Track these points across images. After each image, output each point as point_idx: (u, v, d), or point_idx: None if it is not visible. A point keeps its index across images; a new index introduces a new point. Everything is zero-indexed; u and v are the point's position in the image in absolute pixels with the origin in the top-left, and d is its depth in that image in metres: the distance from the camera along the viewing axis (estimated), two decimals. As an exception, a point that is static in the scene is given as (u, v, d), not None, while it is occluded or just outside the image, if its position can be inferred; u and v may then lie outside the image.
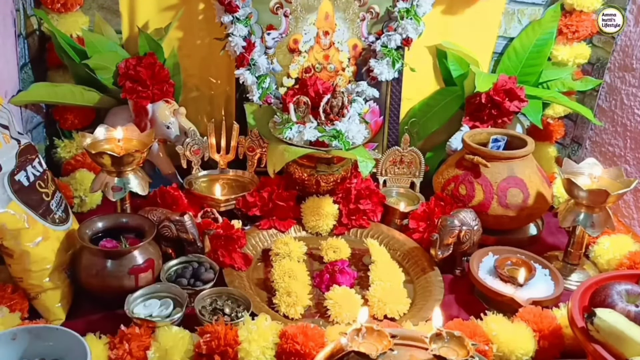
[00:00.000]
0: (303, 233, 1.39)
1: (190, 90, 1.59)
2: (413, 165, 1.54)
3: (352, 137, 1.32)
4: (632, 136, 1.53)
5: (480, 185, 1.35)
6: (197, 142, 1.44)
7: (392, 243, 1.35)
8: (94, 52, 1.42)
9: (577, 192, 1.21)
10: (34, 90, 1.41)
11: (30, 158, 1.08)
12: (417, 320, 1.08)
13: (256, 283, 1.23)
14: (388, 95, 1.57)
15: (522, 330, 1.03)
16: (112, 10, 1.50)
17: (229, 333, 0.95)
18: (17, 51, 1.39)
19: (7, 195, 1.00)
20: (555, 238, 1.45)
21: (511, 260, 1.22)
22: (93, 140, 1.22)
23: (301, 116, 1.34)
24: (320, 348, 0.93)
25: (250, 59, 1.44)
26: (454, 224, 1.22)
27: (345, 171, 1.41)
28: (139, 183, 1.23)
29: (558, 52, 1.61)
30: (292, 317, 1.11)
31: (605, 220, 1.22)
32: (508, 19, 1.63)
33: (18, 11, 1.39)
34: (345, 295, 1.12)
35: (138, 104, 1.40)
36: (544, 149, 1.68)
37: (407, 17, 1.47)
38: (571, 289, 1.20)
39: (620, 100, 1.57)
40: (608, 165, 1.56)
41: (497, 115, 1.51)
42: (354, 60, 1.55)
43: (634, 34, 1.52)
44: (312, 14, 1.48)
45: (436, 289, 1.20)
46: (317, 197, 1.40)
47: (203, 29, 1.53)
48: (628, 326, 0.85)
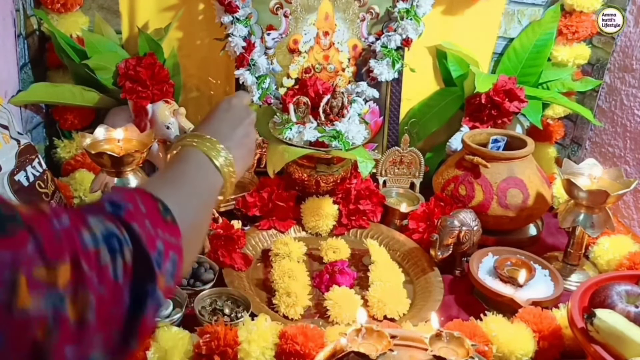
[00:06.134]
0: (303, 233, 1.39)
1: (190, 90, 1.59)
2: (413, 165, 1.54)
3: (352, 137, 1.32)
4: (632, 137, 1.53)
5: (480, 186, 1.35)
6: (197, 142, 1.44)
7: (391, 243, 1.35)
8: (93, 52, 1.42)
9: (576, 192, 1.21)
10: (34, 90, 1.41)
11: (30, 158, 1.08)
12: (417, 320, 1.08)
13: (256, 283, 1.23)
14: (388, 96, 1.57)
15: (521, 330, 1.03)
16: (112, 11, 1.50)
17: (228, 333, 0.95)
18: (17, 51, 1.39)
19: (7, 196, 1.00)
20: (555, 239, 1.45)
21: (511, 260, 1.22)
22: (93, 140, 1.22)
23: (301, 116, 1.34)
24: (320, 348, 0.93)
25: (250, 59, 1.44)
26: (454, 224, 1.22)
27: (345, 171, 1.41)
28: (139, 183, 1.23)
29: (558, 52, 1.61)
30: (291, 318, 1.11)
31: (605, 220, 1.22)
32: (508, 20, 1.63)
33: (18, 11, 1.39)
34: (345, 296, 1.12)
35: (138, 104, 1.40)
36: (544, 150, 1.68)
37: (407, 18, 1.47)
38: (571, 289, 1.19)
39: (620, 100, 1.57)
40: (608, 165, 1.56)
41: (497, 115, 1.51)
42: (354, 61, 1.55)
43: (634, 35, 1.52)
44: (312, 14, 1.49)
45: (436, 289, 1.20)
46: (317, 198, 1.40)
47: (203, 29, 1.53)
48: (628, 327, 0.85)
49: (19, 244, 0.37)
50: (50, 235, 0.40)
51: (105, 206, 0.48)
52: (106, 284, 0.42)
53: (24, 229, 0.38)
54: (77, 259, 0.40)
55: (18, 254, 0.37)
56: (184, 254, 0.53)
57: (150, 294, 0.46)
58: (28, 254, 0.37)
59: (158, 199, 0.54)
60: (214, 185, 0.68)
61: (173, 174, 0.64)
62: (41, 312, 0.37)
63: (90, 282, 0.41)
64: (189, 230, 0.56)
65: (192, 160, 0.67)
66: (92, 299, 0.40)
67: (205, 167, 0.68)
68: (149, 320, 0.46)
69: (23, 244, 0.37)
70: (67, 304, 0.39)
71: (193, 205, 0.61)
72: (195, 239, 0.61)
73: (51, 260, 0.39)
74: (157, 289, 0.47)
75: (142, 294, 0.45)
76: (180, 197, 0.59)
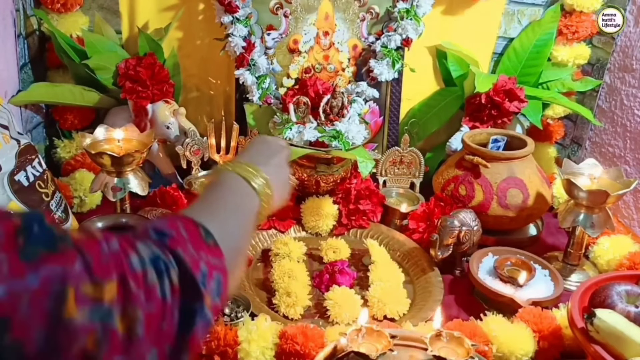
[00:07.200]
0: (303, 233, 1.39)
1: (190, 90, 1.59)
2: (413, 165, 1.54)
3: (352, 137, 1.32)
4: (632, 137, 1.53)
5: (480, 186, 1.35)
6: (197, 142, 1.44)
7: (391, 243, 1.35)
8: (93, 52, 1.42)
9: (576, 192, 1.21)
10: (34, 90, 1.41)
11: (30, 158, 1.08)
12: (417, 320, 1.08)
13: (256, 283, 1.23)
14: (388, 96, 1.57)
15: (521, 330, 1.03)
16: (112, 11, 1.50)
17: (228, 333, 0.95)
18: (17, 51, 1.39)
19: (7, 196, 1.00)
20: (555, 238, 1.45)
21: (511, 260, 1.22)
22: (93, 140, 1.23)
23: (301, 116, 1.34)
24: (320, 348, 0.93)
25: (250, 59, 1.44)
26: (454, 224, 1.22)
27: (345, 171, 1.41)
28: (139, 183, 1.23)
29: (558, 52, 1.61)
30: (291, 318, 1.11)
31: (605, 220, 1.22)
32: (508, 20, 1.63)
33: (18, 11, 1.39)
34: (344, 296, 1.12)
35: (138, 104, 1.40)
36: (544, 150, 1.68)
37: (407, 18, 1.47)
38: (571, 289, 1.19)
39: (620, 100, 1.57)
40: (608, 165, 1.56)
41: (497, 115, 1.51)
42: (354, 61, 1.55)
43: (634, 35, 1.52)
44: (312, 14, 1.49)
45: (436, 289, 1.20)
46: (317, 198, 1.40)
47: (203, 29, 1.53)
48: (628, 327, 0.85)
49: (69, 261, 0.41)
50: (98, 256, 0.43)
51: (150, 234, 0.52)
52: (154, 302, 0.45)
53: (74, 249, 0.42)
54: (124, 278, 0.43)
55: (67, 270, 0.40)
56: (228, 274, 0.56)
57: (198, 311, 0.49)
58: (76, 271, 0.41)
59: (199, 224, 0.56)
60: (252, 207, 0.71)
61: (211, 198, 0.68)
62: (88, 323, 0.40)
63: (137, 299, 0.44)
64: (231, 252, 0.58)
65: (230, 183, 0.70)
66: (141, 314, 0.44)
67: (242, 189, 0.71)
68: (199, 336, 0.50)
69: (72, 262, 0.41)
70: (115, 318, 0.42)
71: (233, 227, 0.64)
72: (237, 259, 0.63)
73: (98, 278, 0.42)
74: (204, 307, 0.50)
75: (191, 311, 0.49)
76: (221, 221, 0.62)
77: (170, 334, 0.47)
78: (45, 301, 0.38)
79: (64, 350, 0.39)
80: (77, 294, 0.40)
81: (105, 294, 0.42)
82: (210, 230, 0.56)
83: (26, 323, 0.37)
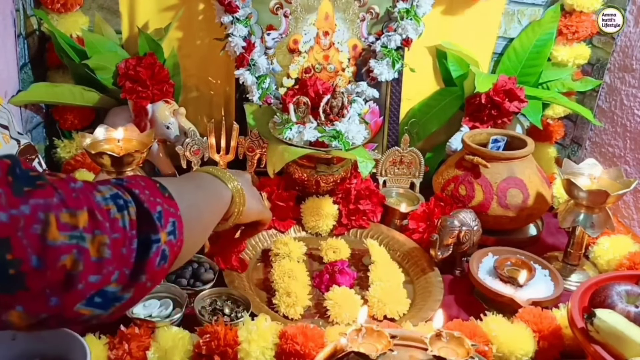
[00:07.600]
0: (303, 233, 1.39)
1: (190, 90, 1.59)
2: (413, 165, 1.54)
3: (352, 137, 1.32)
4: (632, 137, 1.53)
5: (480, 186, 1.35)
6: (197, 142, 1.44)
7: (391, 243, 1.35)
8: (93, 52, 1.42)
9: (576, 192, 1.21)
10: (34, 90, 1.41)
11: (30, 158, 1.08)
12: (417, 320, 1.08)
13: (256, 283, 1.23)
14: (388, 96, 1.57)
15: (521, 330, 1.03)
16: (112, 11, 1.50)
17: (228, 333, 0.95)
18: (17, 51, 1.39)
19: (7, 196, 1.01)
20: (555, 238, 1.45)
21: (511, 260, 1.22)
22: (93, 140, 1.22)
23: (301, 116, 1.34)
24: (320, 348, 0.93)
25: (250, 59, 1.44)
26: (454, 224, 1.22)
27: (345, 171, 1.41)
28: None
29: (558, 52, 1.61)
30: (291, 318, 1.11)
31: (605, 220, 1.22)
32: (508, 20, 1.63)
33: (18, 11, 1.39)
34: (345, 296, 1.12)
35: (138, 104, 1.40)
36: (544, 150, 1.68)
37: (407, 18, 1.47)
38: (571, 289, 1.20)
39: (620, 100, 1.57)
40: (608, 165, 1.56)
41: (497, 115, 1.51)
42: (354, 61, 1.55)
43: (634, 35, 1.52)
44: (312, 14, 1.49)
45: (436, 289, 1.20)
46: (316, 198, 1.40)
47: (203, 29, 1.53)
48: (628, 327, 0.85)
49: (48, 194, 0.48)
50: (69, 192, 0.50)
51: (110, 180, 0.59)
52: (118, 231, 0.53)
53: (50, 185, 0.49)
54: (92, 211, 0.51)
55: (48, 201, 0.48)
56: (183, 223, 0.61)
57: (154, 242, 0.56)
58: (55, 202, 0.48)
59: (156, 180, 0.63)
60: (221, 194, 0.76)
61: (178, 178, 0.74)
62: (68, 245, 0.48)
63: (104, 227, 0.51)
64: (188, 212, 0.63)
65: (202, 176, 0.76)
66: (107, 239, 0.51)
67: (213, 182, 0.76)
68: (155, 262, 0.56)
69: (51, 195, 0.48)
70: (87, 242, 0.50)
71: (191, 194, 0.68)
72: (195, 226, 0.67)
73: (72, 209, 0.49)
74: (160, 240, 0.56)
75: (148, 241, 0.55)
76: (180, 186, 0.66)
77: (128, 258, 0.54)
78: (35, 225, 0.46)
79: (50, 269, 0.47)
80: (58, 221, 0.48)
81: (79, 222, 0.49)
82: (166, 187, 0.62)
83: (22, 244, 0.45)
